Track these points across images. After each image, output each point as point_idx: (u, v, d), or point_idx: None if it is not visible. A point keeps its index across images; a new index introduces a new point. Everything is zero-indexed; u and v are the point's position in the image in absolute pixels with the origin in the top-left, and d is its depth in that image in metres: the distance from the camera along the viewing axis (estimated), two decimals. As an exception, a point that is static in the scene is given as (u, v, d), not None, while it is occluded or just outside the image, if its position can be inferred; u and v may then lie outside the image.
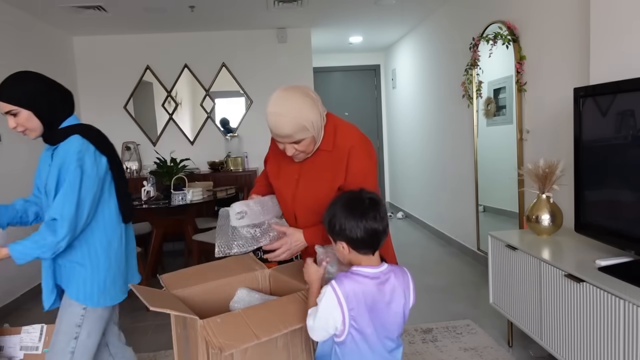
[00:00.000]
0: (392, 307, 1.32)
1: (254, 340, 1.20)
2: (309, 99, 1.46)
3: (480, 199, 4.03)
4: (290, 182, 1.61)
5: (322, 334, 1.29)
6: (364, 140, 1.57)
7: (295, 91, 1.46)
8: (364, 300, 1.27)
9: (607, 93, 1.97)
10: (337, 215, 1.30)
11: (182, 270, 1.72)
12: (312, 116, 1.45)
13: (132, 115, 5.34)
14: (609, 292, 1.69)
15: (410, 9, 4.81)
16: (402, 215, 6.55)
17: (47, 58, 4.58)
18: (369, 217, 1.28)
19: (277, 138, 1.48)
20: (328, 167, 1.54)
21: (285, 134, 1.43)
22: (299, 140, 1.46)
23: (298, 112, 1.42)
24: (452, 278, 3.83)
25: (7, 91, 1.59)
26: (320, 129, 1.51)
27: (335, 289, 1.25)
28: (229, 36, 5.36)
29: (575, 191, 2.16)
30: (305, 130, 1.44)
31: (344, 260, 1.36)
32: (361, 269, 1.30)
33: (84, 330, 1.68)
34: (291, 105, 1.43)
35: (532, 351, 2.53)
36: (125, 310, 3.49)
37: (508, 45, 3.31)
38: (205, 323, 1.24)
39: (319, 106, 1.50)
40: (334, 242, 1.34)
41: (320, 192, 1.53)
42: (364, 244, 1.29)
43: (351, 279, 1.28)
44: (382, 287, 1.30)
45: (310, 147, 1.51)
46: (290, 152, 1.50)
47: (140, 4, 4.15)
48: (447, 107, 4.71)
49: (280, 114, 1.42)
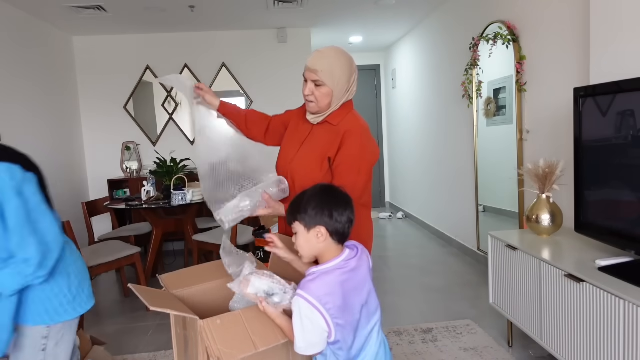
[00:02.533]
0: (364, 286, 1.32)
1: (252, 350, 1.23)
2: (348, 61, 1.62)
3: (480, 199, 4.03)
4: (295, 144, 1.70)
5: (319, 345, 1.26)
6: (366, 132, 1.63)
7: (344, 51, 1.63)
8: (334, 294, 1.25)
9: (607, 93, 1.97)
10: (322, 200, 1.30)
11: (182, 270, 1.72)
12: (341, 72, 1.59)
13: (132, 115, 5.34)
14: (609, 292, 1.69)
15: (410, 9, 4.81)
16: (402, 215, 6.55)
17: (47, 58, 4.57)
18: (350, 208, 1.32)
19: (306, 72, 1.60)
20: (326, 141, 1.62)
21: (314, 67, 1.57)
22: (320, 84, 1.58)
23: (334, 60, 1.58)
24: (452, 278, 3.83)
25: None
26: (341, 94, 1.62)
27: (304, 296, 1.23)
28: (229, 36, 5.36)
29: (575, 191, 2.16)
30: (330, 76, 1.57)
31: (310, 250, 1.31)
32: (320, 267, 1.29)
33: (51, 341, 1.62)
34: (334, 52, 1.60)
35: (532, 351, 2.53)
36: (125, 310, 3.50)
37: (508, 45, 3.31)
38: (205, 324, 1.24)
39: (351, 76, 1.63)
40: (307, 229, 1.29)
41: (311, 163, 1.61)
42: (343, 233, 1.30)
43: (314, 281, 1.26)
44: (347, 273, 1.29)
45: (324, 102, 1.61)
46: (307, 92, 1.61)
47: (140, 4, 4.15)
48: (447, 107, 4.71)
49: (322, 52, 1.60)
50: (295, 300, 1.25)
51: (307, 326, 1.23)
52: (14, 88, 3.96)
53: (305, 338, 1.24)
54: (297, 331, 1.25)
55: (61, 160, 4.73)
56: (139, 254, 3.54)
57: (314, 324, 1.23)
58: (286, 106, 2.14)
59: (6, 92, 3.84)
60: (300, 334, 1.24)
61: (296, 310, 1.24)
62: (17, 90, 4.00)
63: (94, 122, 5.30)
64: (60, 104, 4.79)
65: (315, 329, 1.23)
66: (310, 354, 1.28)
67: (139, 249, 3.56)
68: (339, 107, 1.64)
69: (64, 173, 4.78)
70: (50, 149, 4.50)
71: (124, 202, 4.15)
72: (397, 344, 2.69)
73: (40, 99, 4.39)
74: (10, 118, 3.85)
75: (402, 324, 2.96)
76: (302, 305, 1.23)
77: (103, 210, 4.25)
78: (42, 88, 4.44)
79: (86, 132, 5.30)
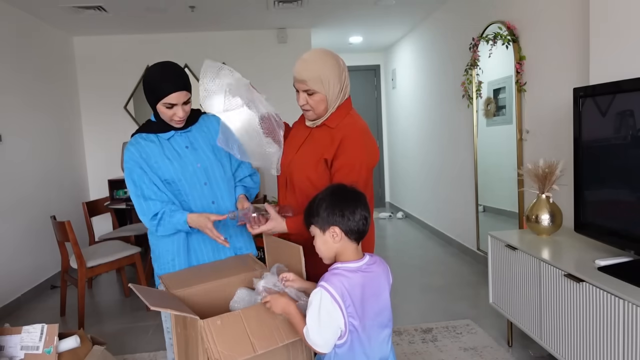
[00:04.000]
0: (381, 295, 1.32)
1: (252, 353, 1.23)
2: (336, 63, 1.59)
3: (480, 199, 4.03)
4: (294, 147, 1.70)
5: (330, 344, 1.24)
6: (364, 135, 1.61)
7: (329, 52, 1.61)
8: (355, 294, 1.24)
9: (607, 93, 1.97)
10: (333, 201, 1.30)
11: (182, 270, 1.72)
12: (331, 76, 1.56)
13: (132, 115, 5.34)
14: (609, 292, 1.69)
15: (410, 9, 4.81)
16: (402, 215, 6.55)
17: (47, 58, 4.58)
18: (362, 205, 1.32)
19: (295, 83, 1.60)
20: (325, 144, 1.61)
21: (301, 78, 1.56)
22: (312, 92, 1.56)
23: (321, 65, 1.56)
24: (452, 278, 3.84)
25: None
26: (335, 97, 1.60)
27: (328, 289, 1.22)
28: (229, 36, 5.36)
29: (575, 191, 2.16)
30: (320, 83, 1.55)
31: (328, 251, 1.31)
32: (345, 264, 1.29)
33: None
34: (319, 57, 1.57)
35: (531, 351, 2.54)
36: (125, 310, 3.51)
37: (508, 45, 3.31)
38: (205, 324, 1.24)
39: (341, 75, 1.60)
40: (323, 231, 1.30)
41: (309, 165, 1.61)
42: (358, 231, 1.30)
43: (339, 276, 1.25)
44: (368, 278, 1.29)
45: (320, 108, 1.59)
46: (301, 102, 1.61)
47: (141, 4, 4.15)
48: (447, 107, 4.71)
49: (306, 60, 1.57)
50: (317, 292, 1.23)
51: (325, 320, 1.21)
52: (14, 88, 3.97)
53: (320, 332, 1.22)
54: (312, 323, 1.22)
55: (62, 160, 4.74)
56: (139, 254, 3.54)
57: (332, 319, 1.21)
58: (286, 106, 2.14)
59: (6, 92, 3.84)
60: (316, 327, 1.22)
61: (316, 301, 1.22)
62: (17, 90, 4.00)
63: (94, 122, 5.30)
64: (60, 104, 4.79)
65: (331, 323, 1.22)
66: (318, 349, 1.25)
67: (139, 249, 3.56)
68: (336, 109, 1.63)
69: (65, 173, 4.78)
70: (50, 149, 4.51)
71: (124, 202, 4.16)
72: (397, 344, 2.70)
73: (41, 99, 4.39)
74: (10, 118, 3.85)
75: (402, 324, 2.96)
76: (324, 297, 1.21)
77: (103, 210, 4.26)
78: (43, 88, 4.44)
79: (86, 132, 5.30)
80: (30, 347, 2.16)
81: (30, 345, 2.17)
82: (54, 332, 2.12)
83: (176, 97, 1.61)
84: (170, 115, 1.65)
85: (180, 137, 1.75)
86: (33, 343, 2.17)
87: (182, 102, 1.63)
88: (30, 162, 4.13)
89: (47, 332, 2.16)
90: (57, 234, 3.33)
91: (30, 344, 2.17)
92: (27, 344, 2.17)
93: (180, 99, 1.62)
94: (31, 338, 2.17)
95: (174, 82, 1.61)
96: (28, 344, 2.17)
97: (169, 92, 1.60)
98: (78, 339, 2.19)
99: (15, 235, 3.83)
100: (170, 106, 1.63)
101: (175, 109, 1.64)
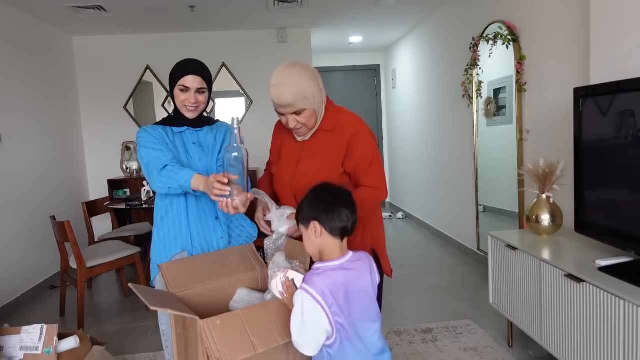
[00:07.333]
0: (365, 291, 1.32)
1: (252, 352, 1.23)
2: (308, 71, 1.56)
3: (480, 199, 4.03)
4: (290, 163, 1.67)
5: (315, 346, 1.24)
6: (367, 128, 1.64)
7: (296, 65, 1.57)
8: (338, 292, 1.24)
9: (607, 93, 1.97)
10: (314, 197, 1.33)
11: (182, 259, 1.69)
12: (312, 88, 1.54)
13: (132, 115, 5.34)
14: (609, 292, 1.69)
15: (410, 9, 4.81)
16: (402, 215, 6.55)
17: (47, 58, 4.58)
18: (341, 200, 1.32)
19: (280, 109, 1.55)
20: (329, 147, 1.60)
21: (287, 102, 1.52)
22: (300, 111, 1.54)
23: (299, 82, 1.52)
24: (452, 278, 3.83)
25: None
26: (320, 104, 1.59)
27: (308, 290, 1.22)
28: (229, 36, 5.36)
29: (575, 191, 2.15)
30: (306, 100, 1.53)
31: (312, 248, 1.33)
32: (326, 263, 1.29)
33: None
34: (292, 75, 1.53)
35: (532, 351, 2.53)
36: (125, 310, 3.51)
37: (508, 45, 3.31)
38: (205, 324, 1.24)
39: (319, 81, 1.59)
40: (306, 227, 1.33)
41: (321, 172, 1.58)
42: (342, 228, 1.30)
43: (319, 275, 1.25)
44: (351, 275, 1.29)
45: (312, 121, 1.58)
46: (292, 124, 1.57)
47: (141, 4, 4.15)
48: (447, 107, 4.71)
49: (282, 84, 1.52)
50: (298, 294, 1.23)
51: (308, 321, 1.21)
52: (14, 88, 3.96)
53: (304, 334, 1.22)
54: (295, 326, 1.23)
55: (61, 160, 4.73)
56: (139, 254, 3.54)
57: (315, 320, 1.21)
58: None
59: (6, 92, 3.84)
60: (299, 329, 1.22)
61: (298, 303, 1.23)
62: (17, 90, 4.00)
63: (94, 122, 5.30)
64: (60, 104, 4.79)
65: (315, 325, 1.21)
66: (304, 352, 1.25)
67: (139, 249, 3.56)
68: (324, 112, 1.63)
69: (64, 173, 4.78)
70: (50, 148, 4.50)
71: (124, 202, 4.16)
72: (397, 344, 2.69)
73: (40, 99, 4.39)
74: (10, 118, 3.85)
75: (402, 324, 2.96)
76: (305, 299, 1.21)
77: (103, 210, 4.25)
78: (42, 88, 4.44)
79: (86, 132, 5.30)
80: (30, 348, 2.16)
81: (30, 345, 2.16)
82: (53, 333, 2.11)
83: (191, 80, 1.67)
84: (183, 100, 1.70)
85: (191, 134, 1.79)
86: (32, 343, 2.16)
87: (197, 88, 1.68)
88: (30, 162, 4.12)
89: (46, 332, 2.16)
90: (57, 234, 3.32)
91: (30, 344, 2.16)
92: (26, 344, 2.17)
93: (195, 84, 1.68)
94: (30, 338, 2.17)
95: (191, 66, 1.69)
96: (27, 344, 2.17)
97: (185, 73, 1.67)
98: (77, 339, 2.19)
99: (14, 235, 3.82)
100: (185, 89, 1.68)
101: (189, 94, 1.69)
